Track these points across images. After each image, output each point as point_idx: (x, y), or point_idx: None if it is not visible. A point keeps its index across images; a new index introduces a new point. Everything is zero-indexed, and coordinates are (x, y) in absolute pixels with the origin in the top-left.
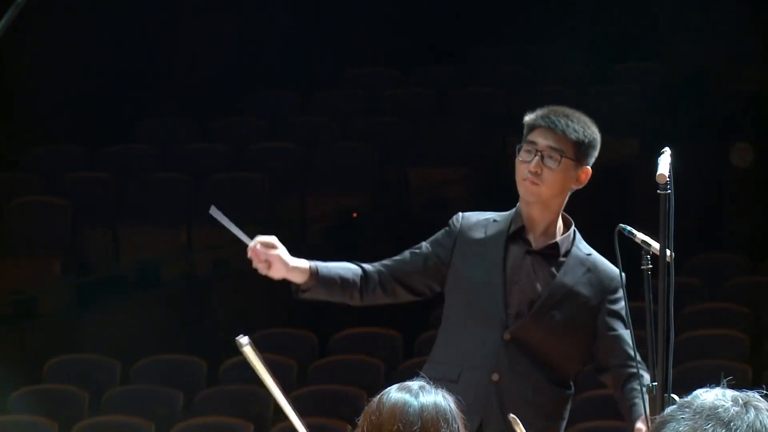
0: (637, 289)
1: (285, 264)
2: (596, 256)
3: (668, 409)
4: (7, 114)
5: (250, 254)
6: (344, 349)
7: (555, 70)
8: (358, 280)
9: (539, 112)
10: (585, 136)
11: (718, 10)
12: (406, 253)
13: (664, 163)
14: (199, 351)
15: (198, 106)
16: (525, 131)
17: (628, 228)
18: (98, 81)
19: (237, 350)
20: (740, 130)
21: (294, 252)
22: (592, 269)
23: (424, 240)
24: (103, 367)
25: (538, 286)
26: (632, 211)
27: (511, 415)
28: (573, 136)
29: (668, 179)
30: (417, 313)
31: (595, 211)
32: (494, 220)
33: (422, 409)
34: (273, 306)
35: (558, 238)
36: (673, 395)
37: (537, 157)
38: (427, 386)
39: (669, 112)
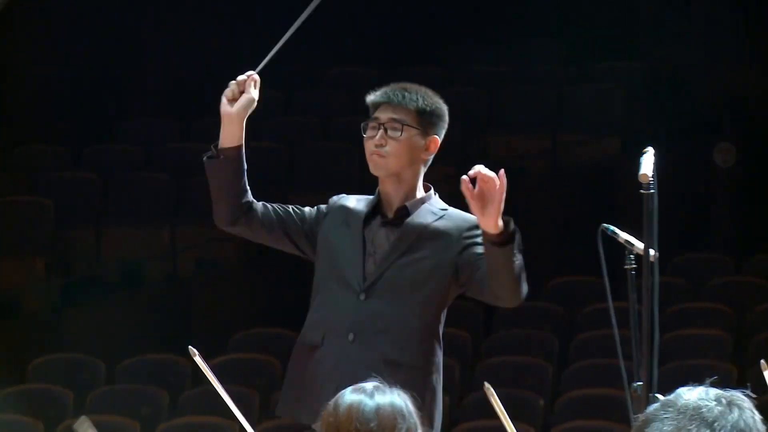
0: (621, 289)
1: (246, 110)
2: (452, 210)
3: (651, 408)
4: None
5: (242, 77)
6: None
7: (536, 70)
8: (250, 196)
9: (378, 90)
10: (426, 105)
11: (699, 9)
12: (290, 207)
13: (647, 163)
14: (183, 350)
15: (180, 105)
16: (370, 111)
17: (612, 228)
18: (81, 81)
19: (221, 350)
20: (723, 130)
21: (275, 250)
22: (444, 217)
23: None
24: (88, 367)
25: (388, 248)
26: (615, 211)
27: (486, 384)
28: (412, 105)
29: (651, 179)
30: None
31: (578, 211)
32: (361, 200)
33: (378, 408)
34: (255, 305)
35: (408, 203)
36: (658, 395)
37: (381, 131)
38: (382, 386)
39: (651, 112)
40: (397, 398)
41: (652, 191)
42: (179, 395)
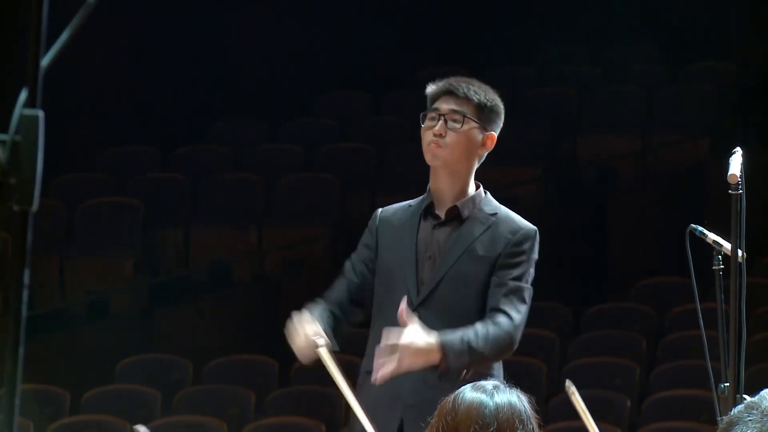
0: (708, 290)
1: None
2: (503, 213)
3: (735, 410)
4: (81, 115)
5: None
6: None
7: (626, 70)
8: (339, 321)
9: (438, 82)
10: (487, 100)
11: None
12: (341, 280)
13: (736, 163)
14: (271, 351)
15: (270, 106)
16: (428, 102)
17: (700, 228)
18: (171, 82)
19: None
20: None
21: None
22: (492, 226)
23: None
24: (176, 367)
25: (442, 256)
26: (703, 212)
27: (568, 383)
28: (475, 98)
29: (740, 179)
30: None
31: (666, 212)
32: (409, 206)
33: (498, 408)
34: None
35: (458, 202)
36: (745, 396)
37: (441, 121)
38: (501, 386)
39: (741, 113)
40: (516, 399)
41: (740, 192)
42: (266, 396)
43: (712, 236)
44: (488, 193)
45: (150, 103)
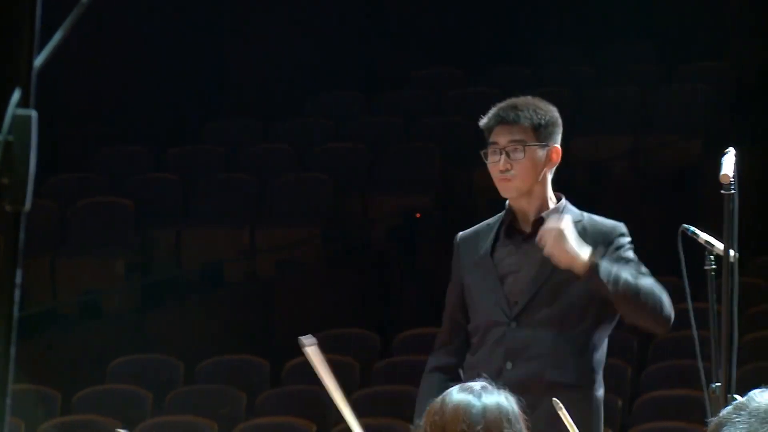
0: (700, 290)
1: None
2: (589, 217)
3: (723, 411)
4: (74, 115)
5: None
6: (407, 349)
7: (621, 70)
8: (456, 365)
9: (490, 113)
10: (539, 118)
11: None
12: (447, 319)
13: (728, 164)
14: (263, 351)
15: (263, 107)
16: (485, 135)
17: (692, 228)
18: (164, 83)
19: (300, 351)
20: None
21: (355, 251)
22: (585, 227)
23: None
24: (167, 367)
25: (535, 268)
26: (696, 212)
27: (554, 399)
28: (527, 122)
29: (732, 179)
30: None
31: (659, 212)
32: (488, 225)
33: (485, 409)
34: (336, 306)
35: (542, 213)
36: (737, 396)
37: (503, 156)
38: (489, 387)
39: (735, 113)
40: (504, 400)
41: (732, 192)
42: (258, 396)
43: (704, 236)
44: (568, 203)
45: (143, 103)
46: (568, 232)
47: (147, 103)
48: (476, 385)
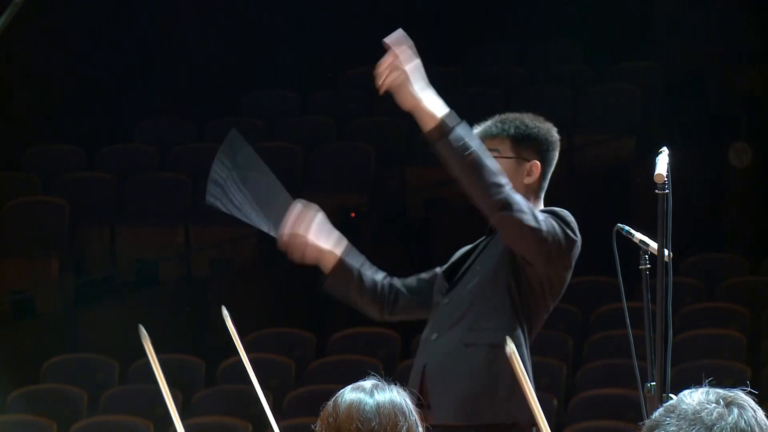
0: (634, 289)
1: (320, 250)
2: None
3: (655, 414)
4: (6, 114)
5: (281, 245)
6: (343, 349)
7: (552, 70)
8: (385, 284)
9: (480, 125)
10: (520, 131)
11: (715, 9)
12: (430, 272)
13: (662, 163)
14: (198, 351)
15: (196, 106)
16: None
17: (626, 228)
18: (96, 82)
19: (235, 351)
20: (738, 130)
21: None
22: None
23: (421, 240)
24: (102, 367)
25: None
26: (630, 211)
27: (507, 338)
28: (505, 134)
29: (666, 179)
30: None
31: (593, 211)
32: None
33: (378, 406)
34: (271, 306)
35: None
36: (671, 395)
37: None
38: (381, 384)
39: (666, 112)
40: (396, 395)
41: (666, 191)
42: (193, 395)
43: (638, 236)
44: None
45: (75, 102)
46: (412, 73)
47: (79, 102)
48: (367, 383)
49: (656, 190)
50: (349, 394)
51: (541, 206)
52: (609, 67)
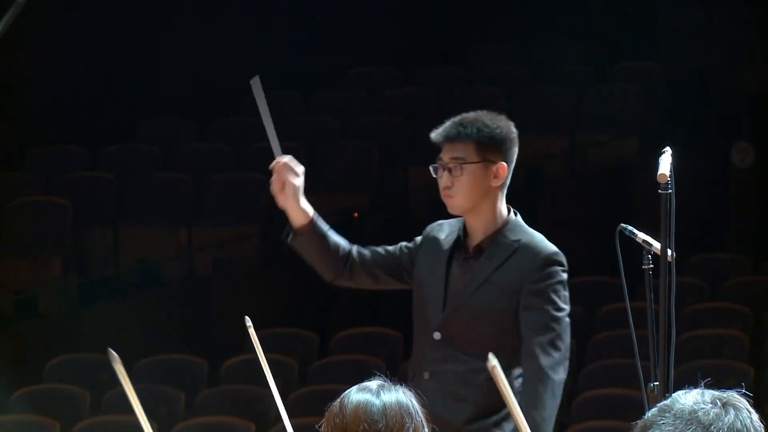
0: (637, 289)
1: (295, 195)
2: (526, 240)
3: (648, 414)
4: (9, 114)
5: (273, 166)
6: (345, 349)
7: (555, 70)
8: (346, 249)
9: (439, 128)
10: (483, 135)
11: (717, 9)
12: (388, 247)
13: (665, 163)
14: (200, 351)
15: (199, 106)
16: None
17: (629, 228)
18: (99, 81)
19: (238, 350)
20: (741, 130)
21: (293, 250)
22: (514, 254)
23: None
24: (104, 367)
25: (462, 288)
26: (633, 211)
27: (491, 355)
28: (469, 140)
29: (669, 179)
30: None
31: (596, 211)
32: (453, 228)
33: (385, 407)
34: (274, 306)
35: (484, 239)
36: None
37: (445, 172)
38: (386, 384)
39: (669, 112)
40: (402, 396)
41: (669, 191)
42: (196, 395)
43: (641, 236)
44: (518, 217)
45: (78, 102)
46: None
47: (82, 102)
48: (373, 384)
49: (659, 190)
50: (355, 394)
51: (504, 207)
52: (612, 67)
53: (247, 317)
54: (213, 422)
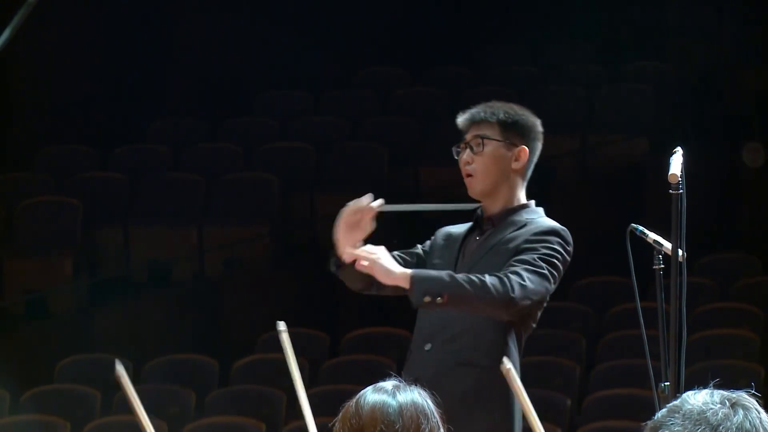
0: (648, 289)
1: (356, 243)
2: (538, 220)
3: (658, 415)
4: (20, 114)
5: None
6: (356, 349)
7: (565, 70)
8: None
9: (465, 112)
10: (508, 116)
11: (728, 9)
12: (408, 252)
13: (676, 163)
14: (211, 351)
15: (210, 106)
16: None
17: (640, 228)
18: (110, 81)
19: (249, 350)
20: (752, 130)
21: (303, 250)
22: (522, 228)
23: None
24: (115, 367)
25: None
26: (644, 211)
27: (505, 359)
28: (493, 118)
29: (680, 179)
30: None
31: (607, 211)
32: (462, 225)
33: (401, 407)
34: (284, 305)
35: (494, 212)
36: None
37: (467, 150)
38: (402, 385)
39: (680, 112)
40: (417, 396)
41: (680, 191)
42: (206, 395)
43: (652, 236)
44: (538, 208)
45: (88, 102)
46: (383, 256)
47: (92, 103)
48: (388, 384)
49: (670, 190)
50: (371, 395)
51: (523, 195)
52: (622, 67)
53: (280, 322)
54: (223, 422)
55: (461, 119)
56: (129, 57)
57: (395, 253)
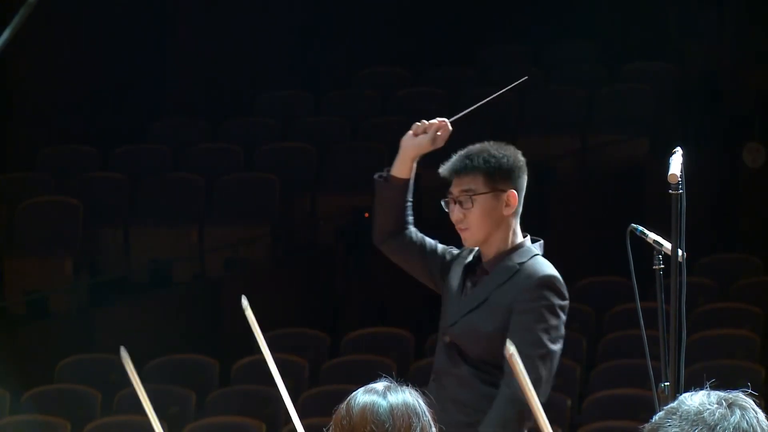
0: (648, 290)
1: (419, 151)
2: (529, 263)
3: (655, 417)
4: (20, 115)
5: (442, 121)
6: (356, 349)
7: (566, 70)
8: (407, 224)
9: (447, 163)
10: (490, 165)
11: (729, 9)
12: (439, 244)
13: (676, 163)
14: (211, 351)
15: (210, 106)
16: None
17: (640, 228)
18: (110, 82)
19: (249, 351)
20: (752, 130)
21: (303, 250)
22: (514, 276)
23: (435, 240)
24: (116, 367)
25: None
26: (644, 211)
27: (509, 341)
28: (477, 171)
29: (680, 179)
30: (428, 313)
31: (607, 211)
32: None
33: (392, 407)
34: (285, 306)
35: (489, 258)
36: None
37: (456, 206)
38: (393, 385)
39: (680, 112)
40: (408, 396)
41: (680, 191)
42: (207, 395)
43: (652, 236)
44: (530, 243)
45: (89, 102)
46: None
47: (93, 103)
48: (379, 385)
49: (670, 191)
50: (362, 396)
51: (519, 232)
52: (623, 67)
53: (243, 297)
54: (224, 422)
55: (443, 170)
56: (129, 57)
57: (449, 249)
